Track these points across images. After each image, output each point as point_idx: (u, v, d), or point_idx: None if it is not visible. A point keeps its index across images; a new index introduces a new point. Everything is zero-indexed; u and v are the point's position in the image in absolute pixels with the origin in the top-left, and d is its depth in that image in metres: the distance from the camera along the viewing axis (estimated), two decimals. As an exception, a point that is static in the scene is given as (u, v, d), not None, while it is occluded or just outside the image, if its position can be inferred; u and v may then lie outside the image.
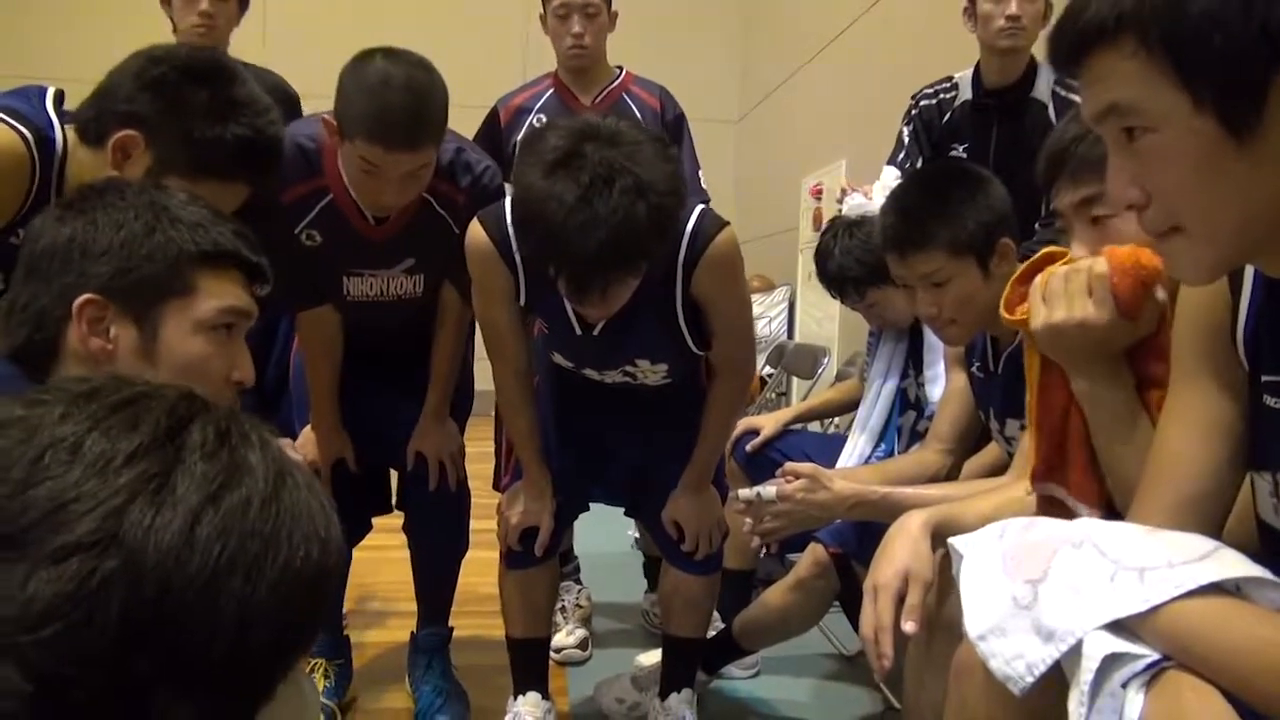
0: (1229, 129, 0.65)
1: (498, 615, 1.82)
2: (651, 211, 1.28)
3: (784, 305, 4.92)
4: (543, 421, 1.73)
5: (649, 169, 1.29)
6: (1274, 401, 0.76)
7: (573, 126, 1.35)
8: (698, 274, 1.52)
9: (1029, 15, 2.15)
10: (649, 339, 1.62)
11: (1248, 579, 0.68)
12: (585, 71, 2.42)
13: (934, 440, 1.76)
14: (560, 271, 1.34)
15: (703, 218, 1.53)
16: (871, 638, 1.06)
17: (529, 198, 1.31)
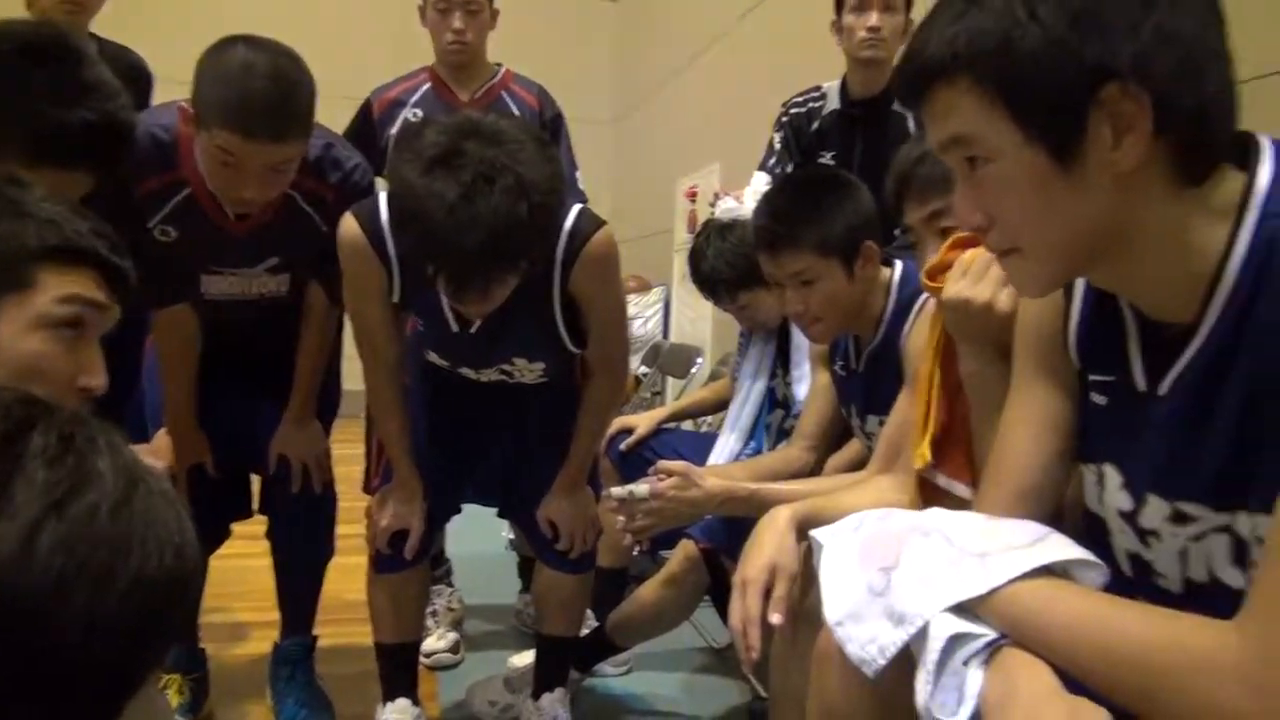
0: (1055, 159, 0.70)
1: (365, 622, 1.78)
2: (533, 211, 1.27)
3: (659, 306, 4.99)
4: (414, 422, 1.70)
5: (531, 168, 1.28)
6: (1099, 399, 0.83)
7: (453, 123, 1.33)
8: (575, 272, 1.53)
9: (889, 28, 2.26)
10: (526, 337, 1.61)
11: (1073, 561, 0.73)
12: (464, 68, 2.39)
13: (799, 437, 1.82)
14: (439, 270, 1.32)
15: (581, 217, 1.53)
16: (740, 630, 1.09)
17: (408, 195, 1.29)
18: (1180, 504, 0.74)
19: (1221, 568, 0.72)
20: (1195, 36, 0.68)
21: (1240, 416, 0.68)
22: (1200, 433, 0.71)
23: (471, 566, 2.63)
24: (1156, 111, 0.67)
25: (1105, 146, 0.69)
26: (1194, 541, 0.74)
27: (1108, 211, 0.71)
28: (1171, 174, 0.70)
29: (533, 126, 1.41)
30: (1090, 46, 0.67)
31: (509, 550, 2.75)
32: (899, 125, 2.30)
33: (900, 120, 2.31)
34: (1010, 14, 0.68)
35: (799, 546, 1.15)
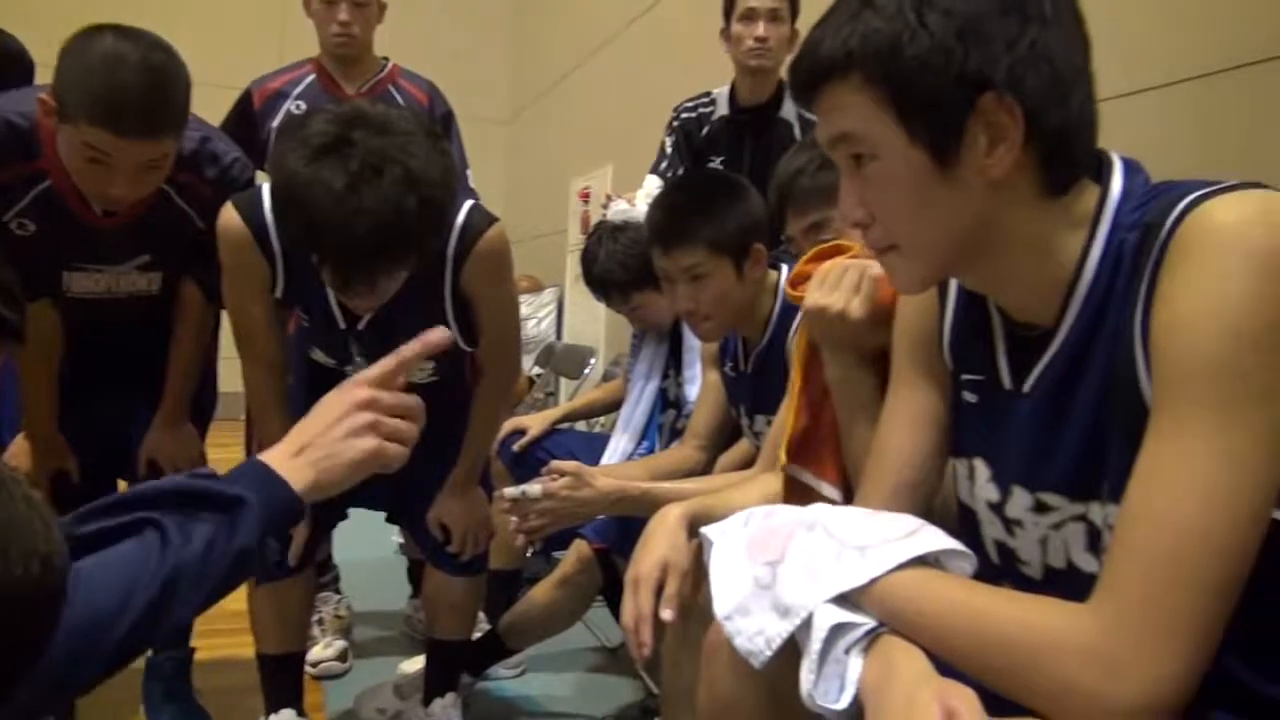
0: (935, 160, 0.74)
1: (246, 633, 1.71)
2: (423, 204, 1.25)
3: (552, 306, 4.97)
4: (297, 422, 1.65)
5: (421, 160, 1.26)
6: (969, 396, 0.87)
7: (341, 112, 1.30)
8: (467, 269, 1.51)
9: (776, 38, 2.32)
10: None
11: (945, 551, 0.77)
12: (350, 61, 2.34)
13: (690, 437, 1.85)
14: (325, 262, 1.28)
15: (473, 213, 1.52)
16: (632, 627, 1.10)
17: (292, 183, 1.25)
18: (1041, 495, 0.79)
19: (1078, 554, 0.77)
20: (1064, 57, 0.73)
21: (1093, 413, 0.73)
22: (1058, 428, 0.76)
23: (359, 572, 2.57)
24: (1027, 123, 0.72)
25: (980, 152, 0.73)
26: (1053, 530, 0.78)
27: (980, 214, 0.75)
28: (1037, 183, 0.75)
29: (424, 118, 1.39)
30: (971, 57, 0.71)
31: (399, 555, 2.70)
32: (786, 132, 2.36)
33: (788, 128, 2.37)
34: (901, 19, 0.72)
35: (690, 544, 1.17)
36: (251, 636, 1.71)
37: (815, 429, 1.20)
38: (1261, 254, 0.62)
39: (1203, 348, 0.63)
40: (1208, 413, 0.62)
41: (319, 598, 2.20)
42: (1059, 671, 0.64)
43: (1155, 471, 0.64)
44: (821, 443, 1.19)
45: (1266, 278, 0.62)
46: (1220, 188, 0.68)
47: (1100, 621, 0.63)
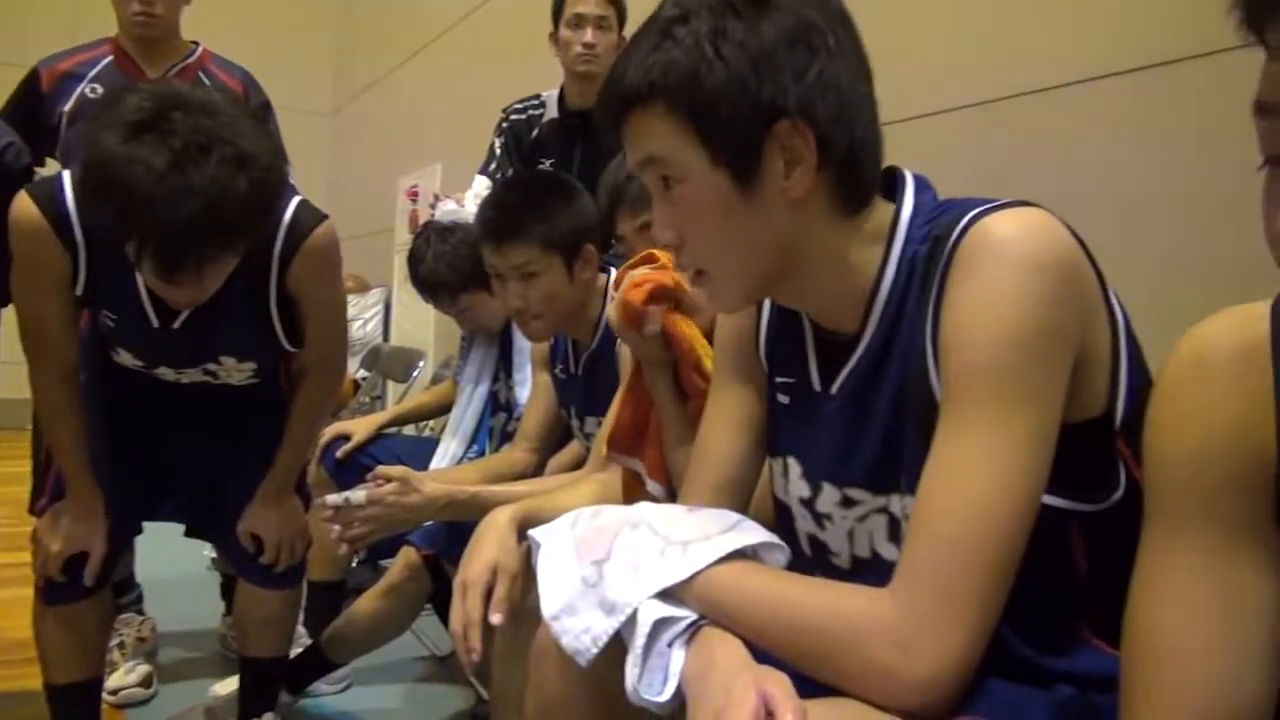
0: (737, 184, 0.78)
1: (34, 663, 1.57)
2: (254, 185, 1.20)
3: (379, 307, 4.83)
4: (93, 429, 1.52)
5: (250, 142, 1.21)
6: (783, 398, 0.92)
7: (157, 91, 1.23)
8: (294, 267, 1.46)
9: (603, 45, 2.35)
10: (238, 335, 1.51)
11: (762, 544, 0.81)
12: (152, 43, 2.19)
13: (521, 439, 1.85)
14: (146, 246, 1.20)
15: (301, 209, 1.47)
16: (460, 633, 1.09)
17: (107, 163, 1.16)
18: (847, 490, 0.84)
19: (881, 544, 0.83)
20: (849, 85, 0.78)
21: (891, 411, 0.79)
22: (861, 427, 0.82)
23: (168, 590, 2.41)
24: (819, 147, 0.77)
25: (779, 176, 0.78)
26: (859, 522, 0.84)
27: (783, 235, 0.80)
28: (832, 204, 0.80)
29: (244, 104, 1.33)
30: (765, 87, 0.76)
31: (211, 570, 2.55)
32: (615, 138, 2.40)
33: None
34: (699, 51, 0.76)
35: (520, 547, 1.17)
36: (25, 669, 1.56)
37: (644, 426, 1.23)
38: (1031, 265, 0.69)
39: (982, 350, 0.70)
40: (988, 409, 0.69)
41: (119, 619, 2.05)
42: (861, 653, 0.68)
43: (943, 464, 0.70)
44: (649, 441, 1.22)
45: (1032, 285, 0.69)
46: (998, 205, 0.75)
47: (896, 604, 0.68)
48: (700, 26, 0.76)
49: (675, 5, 0.79)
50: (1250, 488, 0.57)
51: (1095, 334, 0.73)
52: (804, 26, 0.77)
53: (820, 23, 0.77)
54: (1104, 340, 0.74)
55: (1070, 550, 0.75)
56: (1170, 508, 0.60)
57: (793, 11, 0.77)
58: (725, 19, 0.76)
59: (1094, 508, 0.74)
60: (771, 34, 0.76)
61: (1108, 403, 0.74)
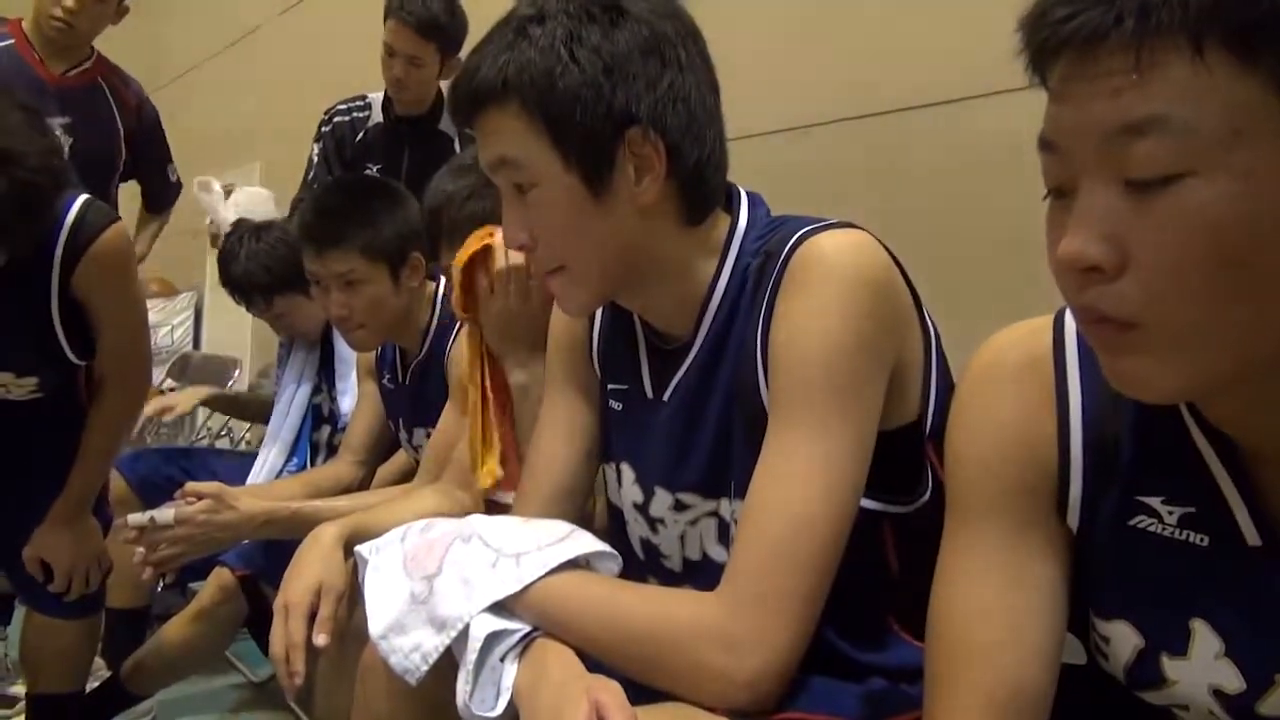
0: (589, 187, 0.79)
1: None
2: (14, 187, 1.10)
3: (189, 312, 4.53)
4: None
5: (14, 138, 1.11)
6: (616, 405, 0.93)
7: None
8: (80, 271, 1.34)
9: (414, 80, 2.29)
10: (14, 348, 1.37)
11: (594, 553, 0.81)
12: (62, 46, 2.13)
13: (347, 451, 1.78)
14: None
15: (88, 208, 1.35)
16: (282, 657, 1.03)
17: None
18: (680, 494, 0.86)
19: (711, 546, 0.85)
20: (698, 99, 0.81)
21: (722, 418, 0.82)
22: (694, 432, 0.84)
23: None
24: (669, 158, 0.79)
25: (630, 182, 0.79)
26: (690, 526, 0.86)
27: (632, 240, 0.81)
28: (679, 213, 0.82)
29: (23, 97, 1.21)
30: (618, 93, 0.77)
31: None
32: (446, 145, 2.36)
33: (448, 141, 2.37)
34: (554, 52, 0.76)
35: (346, 564, 1.12)
36: None
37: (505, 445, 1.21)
38: (853, 283, 0.74)
39: (807, 363, 0.73)
40: (811, 418, 0.72)
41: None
42: (690, 655, 0.70)
43: (769, 471, 0.73)
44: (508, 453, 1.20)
45: (856, 302, 0.73)
46: (825, 224, 0.79)
47: (723, 606, 0.71)
48: (556, 29, 0.76)
49: (531, 5, 0.78)
50: (1034, 486, 0.62)
51: (909, 348, 0.78)
52: (657, 38, 0.78)
53: (673, 36, 0.79)
54: (917, 353, 0.79)
55: (883, 549, 0.80)
56: (965, 506, 0.65)
57: (647, 23, 0.78)
58: (581, 24, 0.76)
59: (905, 509, 0.79)
60: (625, 42, 0.77)
61: (919, 411, 0.79)
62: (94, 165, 2.17)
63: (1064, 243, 0.49)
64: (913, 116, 1.81)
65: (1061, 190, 0.50)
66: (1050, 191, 0.52)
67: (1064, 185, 0.50)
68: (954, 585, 0.64)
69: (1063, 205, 0.50)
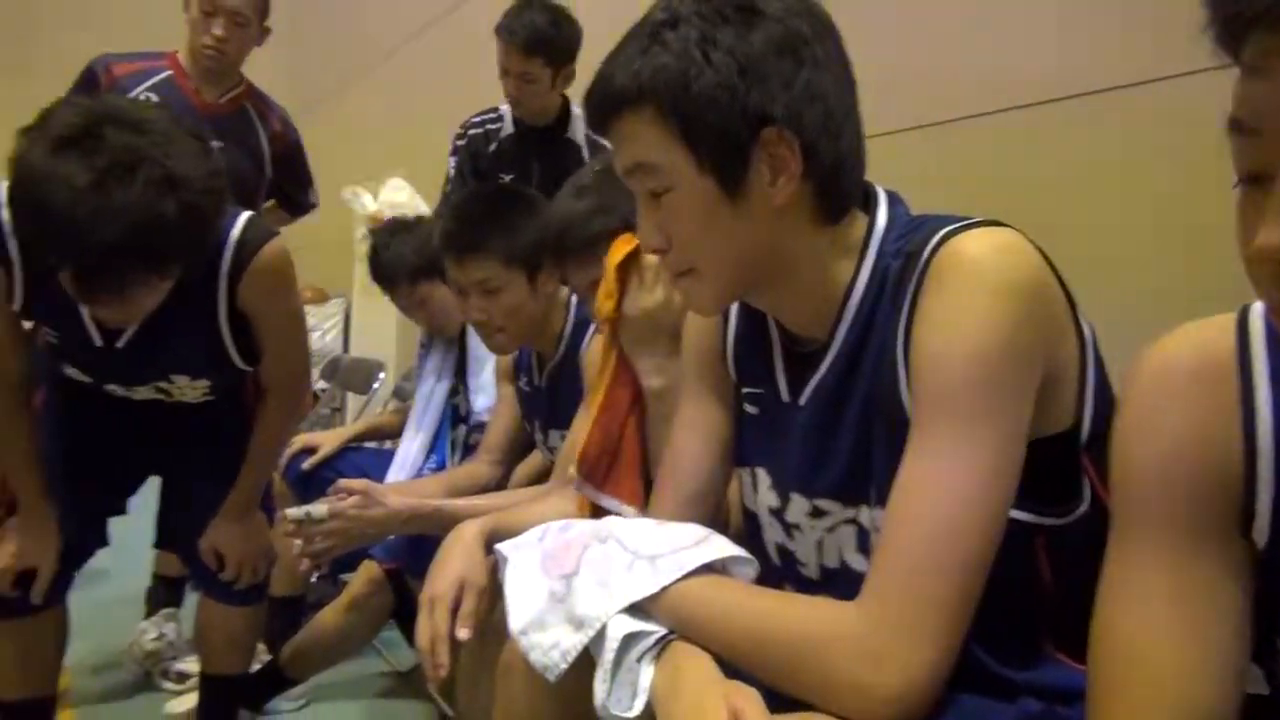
0: (723, 189, 0.79)
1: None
2: (183, 209, 1.16)
3: (339, 317, 4.78)
4: (48, 444, 1.49)
5: (182, 162, 1.17)
6: (751, 409, 0.93)
7: (91, 104, 1.19)
8: (244, 285, 1.43)
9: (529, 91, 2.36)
10: (186, 354, 1.48)
11: (730, 558, 0.81)
12: (214, 73, 2.27)
13: (484, 452, 1.84)
14: (63, 265, 1.17)
15: (250, 225, 1.44)
16: (428, 648, 1.08)
17: (29, 176, 1.13)
18: (817, 500, 0.84)
19: (850, 554, 0.83)
20: (835, 96, 0.79)
21: (860, 423, 0.80)
22: (831, 438, 0.82)
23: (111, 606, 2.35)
24: (804, 157, 0.78)
25: (764, 183, 0.78)
26: (828, 533, 0.84)
27: (766, 240, 0.81)
28: (814, 213, 0.81)
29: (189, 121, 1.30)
30: (753, 94, 0.76)
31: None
32: (575, 155, 2.42)
33: (576, 150, 2.43)
34: (689, 55, 0.76)
35: (486, 561, 1.16)
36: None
37: (615, 450, 1.22)
38: (1001, 285, 0.71)
39: (952, 368, 0.70)
40: (955, 425, 0.70)
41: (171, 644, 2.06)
42: (829, 665, 0.69)
43: (913, 478, 0.71)
44: (623, 465, 1.21)
45: (1003, 304, 0.70)
46: (970, 223, 0.76)
47: (865, 616, 0.69)
48: (690, 32, 0.76)
49: (664, 9, 0.79)
50: (1213, 497, 0.58)
51: (1063, 352, 0.74)
52: (792, 37, 0.77)
53: (808, 34, 0.78)
54: (1071, 358, 0.75)
55: (1035, 564, 0.76)
56: (1133, 519, 0.61)
57: (782, 22, 0.77)
58: (715, 26, 0.76)
59: (1059, 521, 0.75)
60: (760, 42, 0.76)
61: (1074, 419, 0.75)
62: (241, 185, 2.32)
63: (1264, 233, 0.45)
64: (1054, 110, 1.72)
65: (1257, 176, 0.46)
66: (1243, 178, 0.48)
67: (1261, 170, 0.46)
68: (1120, 602, 0.60)
69: (1259, 192, 0.46)
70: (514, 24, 2.27)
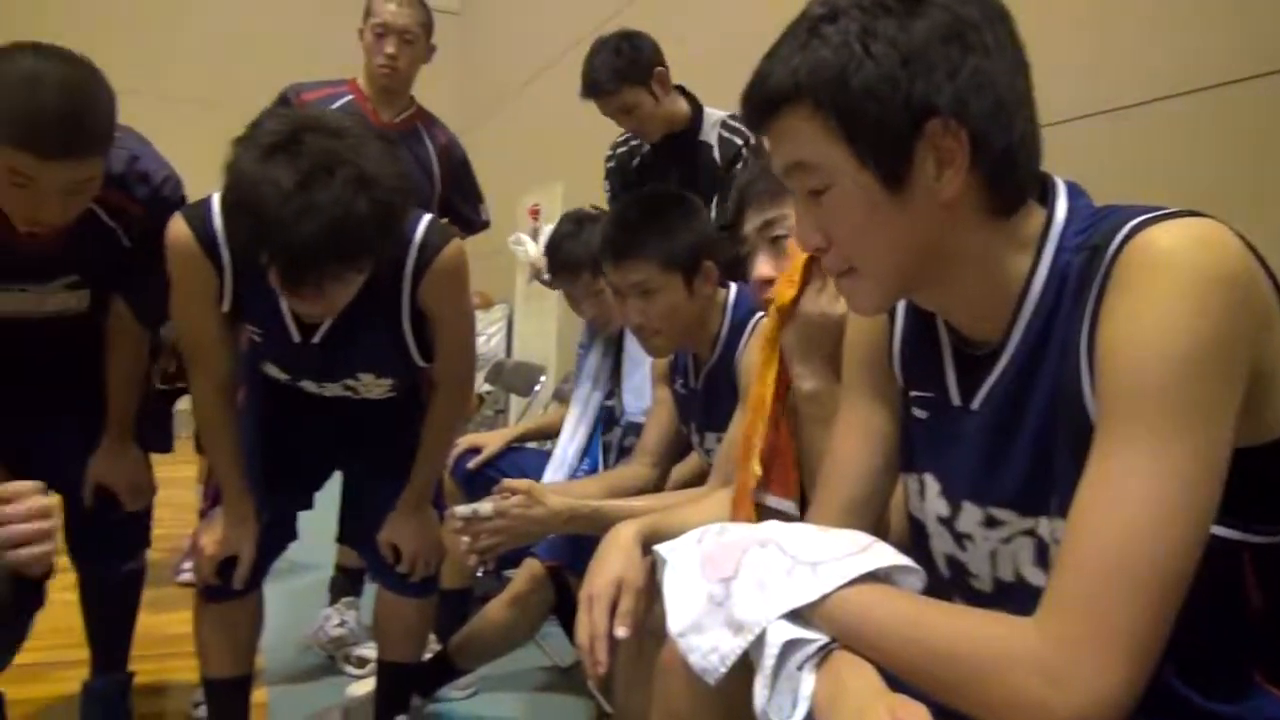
0: (885, 185, 0.76)
1: (177, 657, 1.66)
2: (374, 206, 1.25)
3: (502, 323, 4.96)
4: (247, 441, 1.62)
5: (374, 164, 1.26)
6: (919, 413, 0.89)
7: (293, 115, 1.30)
8: (425, 284, 1.50)
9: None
10: (373, 351, 1.57)
11: (895, 567, 0.78)
12: (389, 91, 2.47)
13: (641, 454, 1.85)
14: (273, 261, 1.27)
15: (432, 228, 1.51)
16: (587, 645, 1.10)
17: (242, 181, 1.24)
18: (991, 509, 0.80)
19: (1027, 568, 0.79)
20: (1006, 82, 0.75)
21: (1040, 429, 0.75)
22: (1008, 444, 0.78)
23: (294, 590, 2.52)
24: (973, 148, 0.74)
25: (929, 177, 0.75)
26: (1003, 544, 0.80)
27: (932, 236, 0.77)
28: (985, 206, 0.77)
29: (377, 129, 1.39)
30: (916, 85, 0.73)
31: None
32: (706, 155, 2.43)
33: (707, 150, 2.44)
34: (848, 49, 0.74)
35: (644, 561, 1.17)
36: (183, 661, 1.66)
37: (778, 446, 1.21)
38: (1199, 278, 0.65)
39: (1144, 368, 0.65)
40: (1150, 430, 0.64)
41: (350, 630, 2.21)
42: (1007, 684, 0.65)
43: (1099, 487, 0.66)
44: (782, 461, 1.20)
45: (1201, 301, 0.64)
46: (1162, 214, 0.70)
47: (1046, 634, 0.64)
48: (850, 25, 0.74)
49: (823, 4, 0.77)
50: None
51: (1271, 352, 0.67)
52: (959, 23, 0.74)
53: (977, 19, 0.74)
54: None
55: (1242, 585, 0.69)
56: None
57: (947, 8, 0.74)
58: (876, 17, 0.74)
59: (1270, 539, 0.68)
60: (924, 31, 0.73)
61: None
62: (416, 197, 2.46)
63: None
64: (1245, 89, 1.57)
65: None
66: None
67: None
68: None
69: None
70: (585, 82, 2.40)
